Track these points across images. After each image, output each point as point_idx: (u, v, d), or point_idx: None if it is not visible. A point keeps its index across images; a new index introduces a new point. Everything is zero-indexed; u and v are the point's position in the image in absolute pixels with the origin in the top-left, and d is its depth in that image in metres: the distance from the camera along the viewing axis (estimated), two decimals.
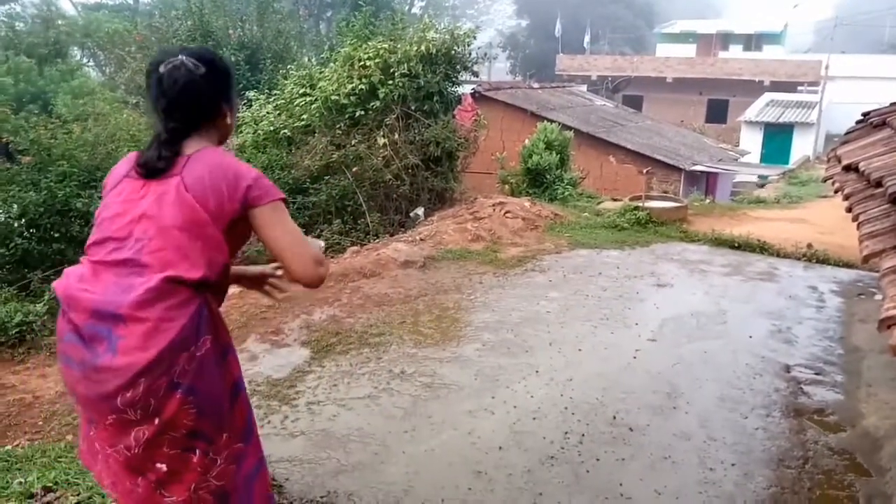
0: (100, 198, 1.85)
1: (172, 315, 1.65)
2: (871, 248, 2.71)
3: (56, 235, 6.31)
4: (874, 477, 3.25)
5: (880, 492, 3.13)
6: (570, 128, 12.48)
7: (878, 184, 3.25)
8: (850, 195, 3.64)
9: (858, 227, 3.06)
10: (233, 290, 2.72)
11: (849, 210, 3.49)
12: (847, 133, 5.19)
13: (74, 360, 1.69)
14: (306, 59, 14.73)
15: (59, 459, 3.04)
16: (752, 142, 25.53)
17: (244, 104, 11.33)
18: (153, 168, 1.73)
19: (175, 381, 1.65)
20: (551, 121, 12.52)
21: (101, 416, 1.68)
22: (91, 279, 1.71)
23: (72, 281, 1.72)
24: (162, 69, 1.74)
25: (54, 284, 1.77)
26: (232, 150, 8.89)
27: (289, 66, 11.90)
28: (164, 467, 1.69)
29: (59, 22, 19.29)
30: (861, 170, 3.71)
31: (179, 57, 1.76)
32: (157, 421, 1.65)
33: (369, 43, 9.63)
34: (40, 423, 3.45)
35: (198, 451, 1.72)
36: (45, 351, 4.27)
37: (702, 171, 16.97)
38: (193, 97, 1.75)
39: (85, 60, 20.78)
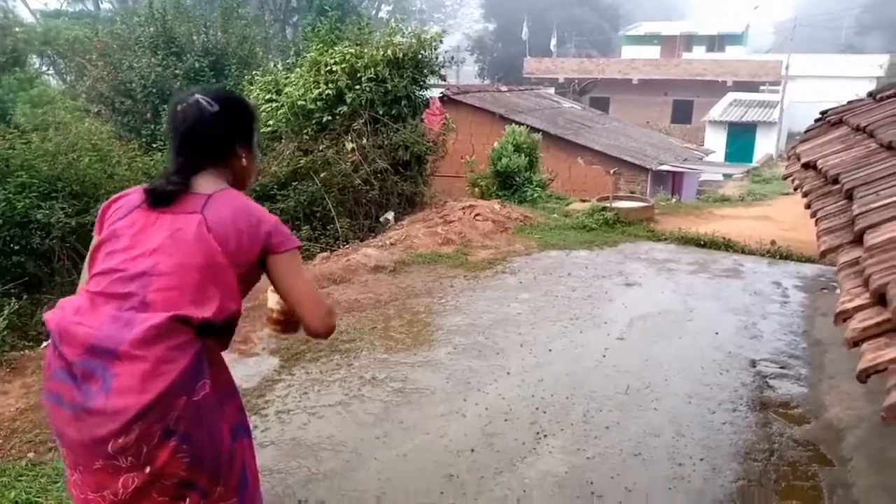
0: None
1: (174, 356, 1.57)
2: (828, 243, 2.76)
3: (16, 248, 6.15)
4: (836, 466, 3.33)
5: (842, 480, 3.20)
6: (538, 130, 12.57)
7: (835, 180, 3.33)
8: (808, 192, 3.71)
9: (816, 224, 3.12)
10: None
11: (808, 207, 3.57)
12: (806, 131, 5.30)
13: (64, 400, 1.59)
14: (272, 64, 14.61)
15: (20, 478, 2.96)
16: (716, 141, 26.06)
17: None
18: (162, 193, 1.69)
19: (170, 429, 1.57)
20: (520, 123, 12.59)
21: (88, 461, 1.59)
22: (88, 312, 1.61)
23: (67, 313, 1.62)
24: (178, 108, 1.76)
25: (46, 317, 1.65)
26: None
27: (254, 72, 11.79)
28: None
29: (17, 29, 18.82)
30: (819, 167, 3.80)
31: (195, 96, 1.77)
32: (147, 470, 1.57)
33: (336, 48, 9.59)
34: (0, 441, 3.35)
35: (188, 501, 1.64)
36: (4, 367, 4.15)
37: (668, 171, 17.25)
38: (202, 134, 1.75)
39: (44, 69, 20.29)
